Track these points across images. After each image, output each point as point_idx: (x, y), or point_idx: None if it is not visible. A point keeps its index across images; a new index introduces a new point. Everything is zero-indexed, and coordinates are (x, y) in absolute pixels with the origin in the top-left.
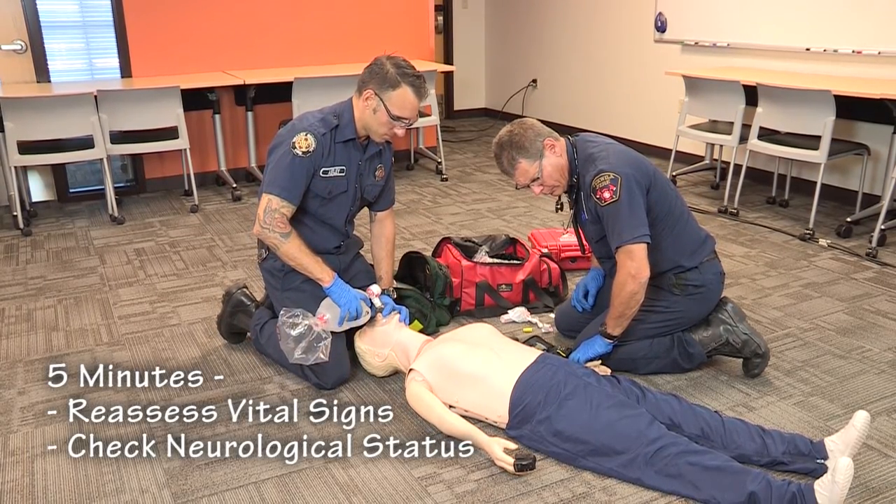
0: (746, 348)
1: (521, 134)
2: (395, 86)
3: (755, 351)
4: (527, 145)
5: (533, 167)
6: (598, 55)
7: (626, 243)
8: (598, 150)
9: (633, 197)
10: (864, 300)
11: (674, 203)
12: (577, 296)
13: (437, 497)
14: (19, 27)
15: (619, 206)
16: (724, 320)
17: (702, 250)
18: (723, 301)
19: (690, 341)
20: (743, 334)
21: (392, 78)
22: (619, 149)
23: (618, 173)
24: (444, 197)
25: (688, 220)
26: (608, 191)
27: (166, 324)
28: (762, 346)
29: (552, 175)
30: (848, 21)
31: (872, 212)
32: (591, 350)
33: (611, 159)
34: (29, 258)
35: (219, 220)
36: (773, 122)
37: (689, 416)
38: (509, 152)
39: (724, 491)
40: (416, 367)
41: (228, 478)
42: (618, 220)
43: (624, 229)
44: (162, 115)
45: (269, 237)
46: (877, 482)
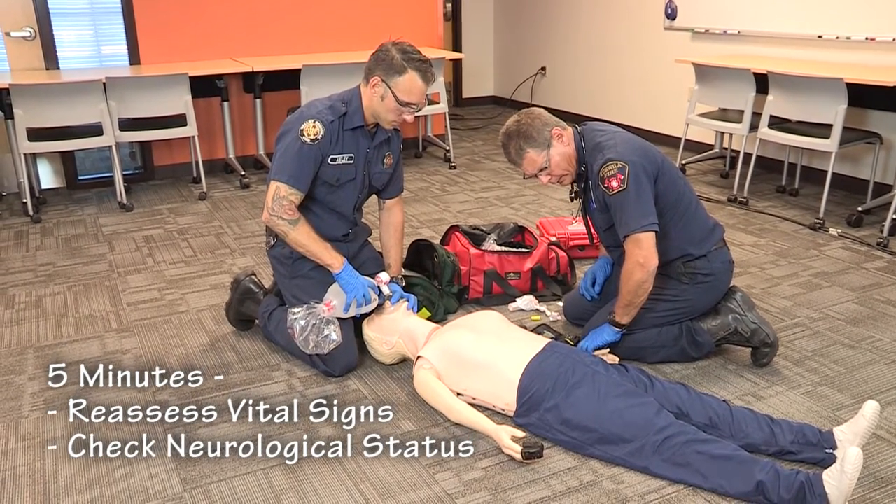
0: (755, 337)
1: (528, 123)
2: (402, 72)
3: (764, 340)
4: (534, 135)
5: (541, 157)
6: (608, 43)
7: (634, 232)
8: (605, 138)
9: (640, 185)
10: (874, 290)
11: (682, 191)
12: (585, 284)
13: (445, 484)
14: (28, 14)
15: (627, 194)
16: (733, 309)
17: (710, 238)
18: (732, 290)
19: (699, 330)
20: (752, 323)
21: (398, 64)
22: (626, 137)
23: (625, 161)
24: (453, 185)
25: (696, 209)
26: (616, 179)
27: (175, 311)
28: (771, 336)
29: (560, 164)
30: (861, 7)
31: (884, 201)
32: (600, 338)
33: (618, 147)
34: (38, 245)
35: (227, 208)
36: (784, 111)
37: (698, 405)
38: (517, 142)
39: (731, 480)
40: (425, 354)
41: (237, 464)
42: (625, 208)
43: (631, 218)
44: (170, 102)
45: (277, 224)
46: (886, 472)
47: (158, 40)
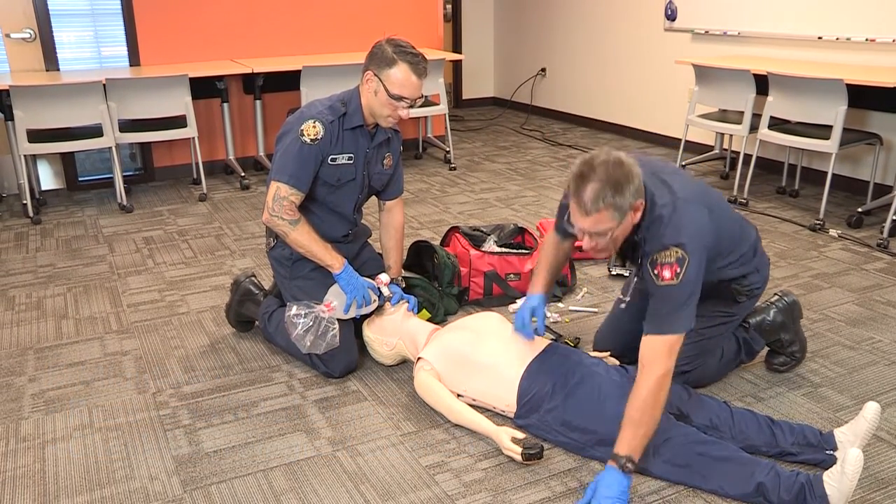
0: (790, 347)
1: (626, 179)
2: (392, 64)
3: (794, 352)
4: (625, 194)
5: (613, 222)
6: (608, 44)
7: (669, 334)
8: (667, 210)
9: (695, 283)
10: (874, 291)
11: (735, 232)
12: (524, 320)
13: (445, 486)
14: (28, 15)
15: (679, 291)
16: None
17: (757, 250)
18: (792, 303)
19: (756, 339)
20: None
21: (389, 57)
22: (690, 211)
23: (687, 252)
24: (453, 186)
25: (742, 227)
26: (670, 270)
27: (175, 312)
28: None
29: (618, 240)
30: (861, 8)
31: (884, 202)
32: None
33: (683, 231)
34: (38, 246)
35: (227, 209)
36: (784, 112)
37: (698, 407)
38: (605, 189)
39: (732, 481)
40: (425, 355)
41: (237, 465)
42: (669, 304)
43: (673, 319)
44: (170, 103)
45: (278, 224)
46: (886, 473)
47: (158, 42)
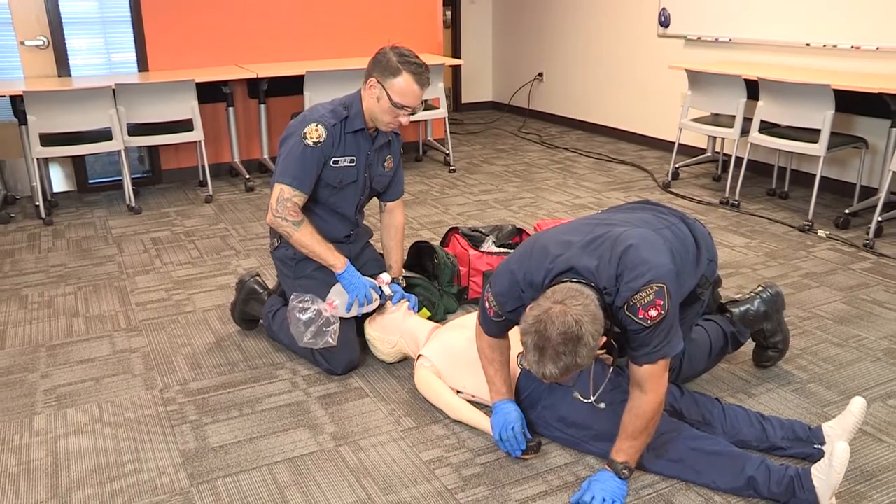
0: (773, 338)
1: (588, 332)
2: (396, 73)
3: (777, 343)
4: (585, 352)
5: (579, 369)
6: (603, 49)
7: (665, 358)
8: (630, 258)
9: (676, 302)
10: (861, 290)
11: (687, 249)
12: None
13: (445, 480)
14: (42, 24)
15: (666, 321)
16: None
17: (700, 248)
18: (776, 295)
19: (743, 332)
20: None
21: (393, 66)
22: (640, 245)
23: (662, 280)
24: (452, 188)
25: (684, 247)
26: (655, 308)
27: (182, 311)
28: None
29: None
30: (847, 17)
31: (870, 204)
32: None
33: (651, 261)
34: (50, 247)
35: (232, 210)
36: (774, 116)
37: (691, 403)
38: (566, 365)
39: (724, 475)
40: (425, 353)
41: (242, 460)
42: (659, 336)
43: (666, 345)
44: (177, 107)
45: (281, 225)
46: (871, 466)
47: (166, 48)
